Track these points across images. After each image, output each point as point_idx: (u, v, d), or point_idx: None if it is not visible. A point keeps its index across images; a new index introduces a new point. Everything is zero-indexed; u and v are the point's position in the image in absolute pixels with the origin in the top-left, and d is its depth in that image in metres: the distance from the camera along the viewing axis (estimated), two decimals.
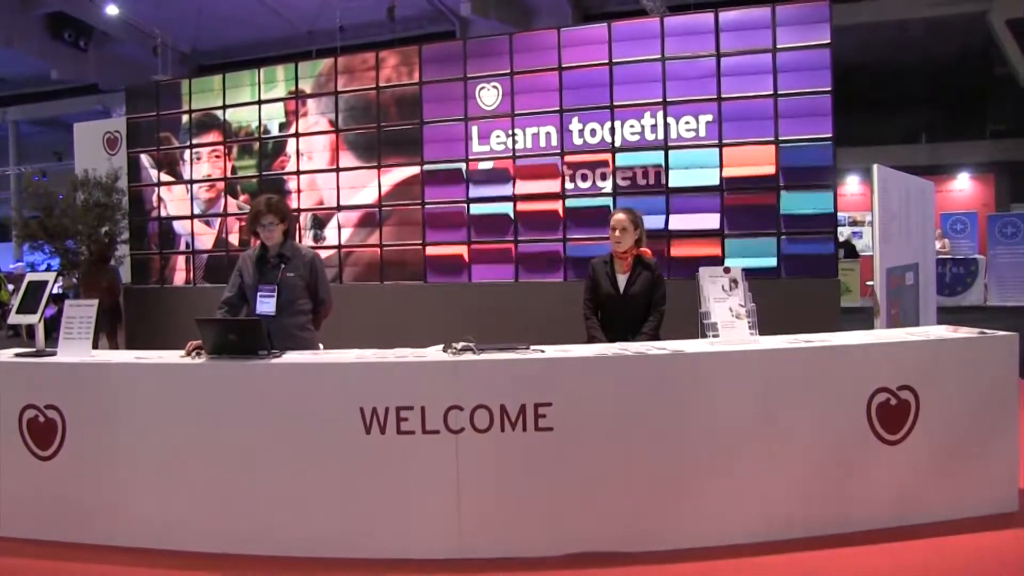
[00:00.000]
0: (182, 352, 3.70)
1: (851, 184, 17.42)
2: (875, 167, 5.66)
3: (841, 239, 14.21)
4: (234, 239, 7.53)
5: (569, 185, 6.44)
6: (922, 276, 6.88)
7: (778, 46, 5.93)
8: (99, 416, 3.59)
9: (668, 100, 6.18)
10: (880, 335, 4.07)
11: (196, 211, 7.72)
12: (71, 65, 17.32)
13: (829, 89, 5.82)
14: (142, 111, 7.97)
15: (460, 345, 3.51)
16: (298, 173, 7.31)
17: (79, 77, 17.81)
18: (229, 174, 7.59)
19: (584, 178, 6.40)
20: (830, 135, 5.82)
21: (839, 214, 6.82)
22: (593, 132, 6.39)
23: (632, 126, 6.28)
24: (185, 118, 7.76)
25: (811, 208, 5.85)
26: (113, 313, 7.95)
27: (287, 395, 3.44)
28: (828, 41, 5.83)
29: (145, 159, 7.93)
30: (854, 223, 16.77)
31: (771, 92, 5.94)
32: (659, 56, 6.21)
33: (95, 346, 3.95)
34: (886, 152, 15.33)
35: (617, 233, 4.32)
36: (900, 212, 6.21)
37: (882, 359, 3.58)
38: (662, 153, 6.19)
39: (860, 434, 3.48)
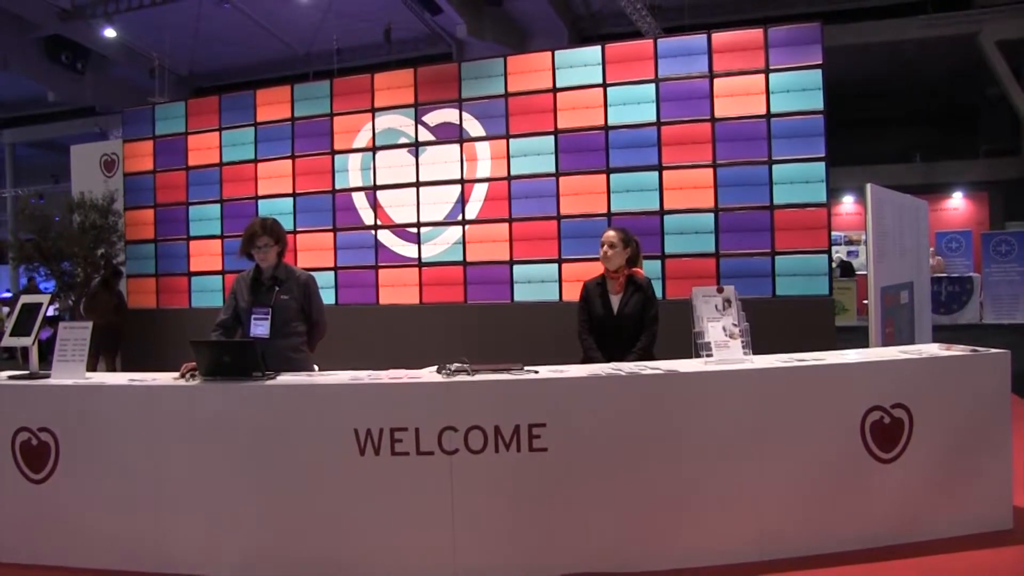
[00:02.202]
0: (176, 374, 3.71)
1: (846, 204, 17.51)
2: (868, 186, 5.71)
3: (836, 259, 14.29)
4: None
5: (564, 206, 6.49)
6: (917, 295, 6.91)
7: (771, 67, 6.00)
8: (92, 439, 3.58)
9: (662, 121, 6.23)
10: (873, 353, 4.08)
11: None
12: (68, 87, 17.38)
13: (822, 109, 5.89)
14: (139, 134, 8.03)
15: (454, 366, 3.52)
16: (294, 196, 7.36)
17: (76, 99, 17.87)
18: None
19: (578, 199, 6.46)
20: (823, 155, 5.88)
21: (834, 233, 6.84)
22: (588, 154, 6.44)
23: (627, 147, 6.33)
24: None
25: (804, 227, 5.89)
26: (117, 334, 7.97)
27: (281, 417, 3.44)
28: (820, 62, 5.91)
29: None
30: (849, 242, 16.83)
31: (764, 113, 6.00)
32: (653, 78, 6.27)
33: (93, 368, 3.93)
34: (880, 171, 15.43)
35: (606, 248, 4.31)
36: (894, 231, 6.24)
37: (875, 377, 3.59)
38: (656, 175, 6.24)
39: (854, 452, 3.48)
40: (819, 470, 3.46)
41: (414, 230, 6.98)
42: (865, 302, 6.81)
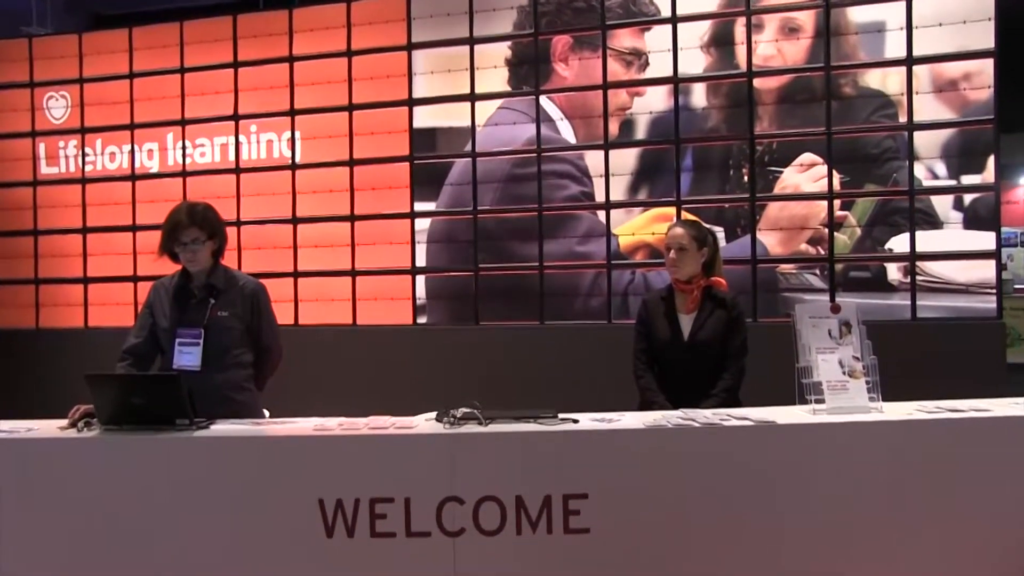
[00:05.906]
0: (64, 422, 3.72)
1: None
2: None
3: None
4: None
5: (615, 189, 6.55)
6: None
7: None
8: None
9: (754, 72, 6.25)
10: None
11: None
12: None
13: (992, 49, 5.84)
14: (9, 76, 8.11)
15: (460, 412, 3.55)
16: (237, 171, 7.45)
17: None
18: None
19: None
20: (991, 116, 5.86)
21: (1005, 229, 6.79)
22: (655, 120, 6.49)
23: (704, 110, 6.37)
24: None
25: (962, 220, 5.88)
26: None
27: (217, 482, 3.48)
28: None
29: None
30: None
31: (904, 56, 6.00)
32: (743, 9, 6.30)
33: None
34: None
35: (672, 254, 4.32)
36: None
37: None
38: (745, 147, 6.27)
39: None
40: (987, 566, 3.45)
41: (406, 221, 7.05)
42: None
